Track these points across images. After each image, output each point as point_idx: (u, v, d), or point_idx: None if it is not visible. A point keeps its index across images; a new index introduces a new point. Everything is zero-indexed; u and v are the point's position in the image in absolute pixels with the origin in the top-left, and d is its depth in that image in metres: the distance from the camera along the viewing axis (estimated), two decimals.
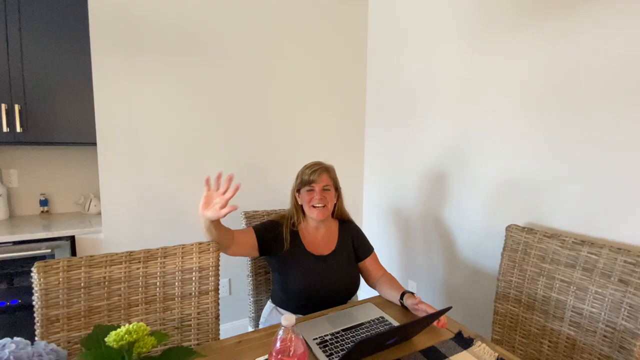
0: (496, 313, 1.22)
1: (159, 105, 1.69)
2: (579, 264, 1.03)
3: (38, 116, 1.62)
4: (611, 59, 1.05)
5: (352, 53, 2.21)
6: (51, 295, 0.80)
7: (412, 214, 1.91)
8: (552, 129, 1.22)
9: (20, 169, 1.84)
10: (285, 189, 1.98)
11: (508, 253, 1.21)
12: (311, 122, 2.12)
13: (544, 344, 1.09)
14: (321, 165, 1.20)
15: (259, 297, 1.36)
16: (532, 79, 1.27)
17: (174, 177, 1.76)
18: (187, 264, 0.94)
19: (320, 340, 0.87)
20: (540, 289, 1.11)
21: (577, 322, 1.02)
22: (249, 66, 1.89)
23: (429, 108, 1.77)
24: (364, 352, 0.77)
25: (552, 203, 1.23)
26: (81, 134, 1.69)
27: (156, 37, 1.66)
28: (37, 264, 0.79)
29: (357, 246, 1.26)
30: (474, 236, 1.54)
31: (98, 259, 0.86)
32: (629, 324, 0.91)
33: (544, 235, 1.13)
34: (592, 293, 0.99)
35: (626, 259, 0.94)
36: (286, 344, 0.58)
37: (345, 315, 1.01)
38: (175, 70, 1.71)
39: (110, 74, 1.58)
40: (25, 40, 1.56)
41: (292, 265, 1.15)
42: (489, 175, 1.46)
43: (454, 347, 0.86)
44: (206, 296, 0.96)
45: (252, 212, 1.42)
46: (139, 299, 0.89)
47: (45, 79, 1.61)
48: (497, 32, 1.40)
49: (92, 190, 1.94)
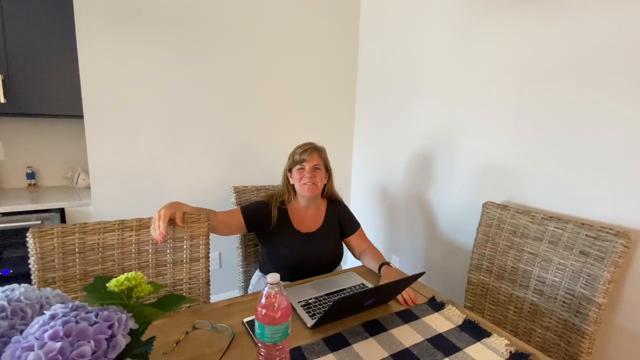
0: (469, 283, 1.31)
1: (147, 79, 1.68)
2: (545, 238, 1.11)
3: (22, 87, 1.59)
4: (588, 44, 1.10)
5: (343, 34, 2.20)
6: (47, 259, 0.83)
7: (398, 193, 1.98)
8: (530, 113, 1.27)
9: (6, 141, 1.82)
10: (274, 166, 2.02)
11: (483, 228, 1.29)
12: (302, 102, 2.12)
13: (510, 310, 1.19)
14: (312, 145, 1.24)
15: (248, 267, 1.42)
16: (513, 66, 1.31)
17: (162, 151, 1.77)
18: (178, 232, 0.98)
19: (304, 303, 0.94)
20: (510, 260, 1.20)
21: (541, 289, 1.11)
22: (241, 45, 1.87)
23: (417, 92, 1.80)
24: (343, 311, 0.84)
25: (527, 182, 1.31)
26: (68, 106, 1.67)
27: (145, 9, 1.62)
28: (32, 230, 0.82)
29: (343, 224, 1.32)
30: (454, 215, 1.63)
31: (91, 226, 0.89)
32: (586, 292, 1.00)
33: (517, 212, 1.21)
34: (555, 264, 1.08)
35: (588, 232, 1.02)
36: (271, 299, 0.63)
37: (328, 282, 1.08)
38: (165, 44, 1.68)
39: (95, 46, 1.55)
40: (6, 8, 1.50)
41: (279, 241, 1.21)
42: (472, 157, 1.52)
43: (426, 310, 0.95)
44: (197, 263, 1.00)
45: (242, 187, 1.45)
46: (132, 264, 0.93)
47: (29, 49, 1.57)
48: (483, 17, 1.42)
49: (80, 164, 1.94)
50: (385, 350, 0.77)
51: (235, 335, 0.79)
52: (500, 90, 1.38)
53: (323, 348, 0.77)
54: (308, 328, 0.83)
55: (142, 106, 1.69)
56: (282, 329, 0.63)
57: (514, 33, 1.31)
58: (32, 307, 0.40)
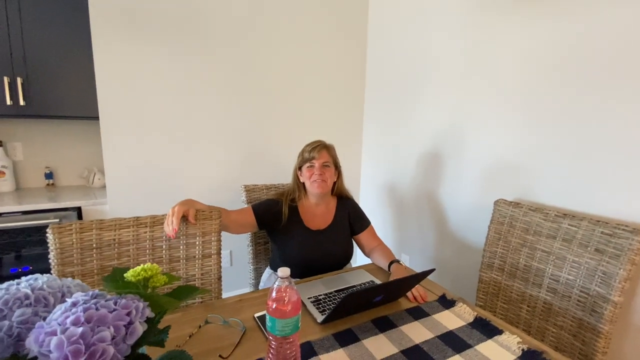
0: (480, 281, 1.30)
1: (161, 79, 1.71)
2: (559, 235, 1.10)
3: (41, 89, 1.64)
4: (603, 39, 1.07)
5: (352, 31, 2.20)
6: (66, 254, 0.86)
7: (407, 191, 1.97)
8: (539, 109, 1.25)
9: (25, 142, 1.88)
10: (284, 165, 2.04)
11: (495, 226, 1.28)
12: (311, 100, 2.14)
13: (522, 309, 1.17)
14: (321, 143, 1.25)
15: (259, 265, 1.44)
16: (523, 61, 1.30)
17: (174, 150, 1.80)
18: (191, 229, 1.00)
19: (314, 299, 0.94)
20: (522, 258, 1.18)
21: (554, 288, 1.09)
22: (251, 44, 1.89)
23: (425, 89, 1.79)
24: (352, 307, 0.84)
25: (539, 181, 1.28)
26: (84, 108, 1.72)
27: (158, 12, 1.65)
28: (52, 226, 0.85)
29: (353, 221, 1.32)
30: (464, 213, 1.61)
31: (107, 223, 0.92)
32: (601, 290, 0.98)
33: (529, 209, 1.19)
34: (569, 262, 1.06)
35: (603, 230, 1.00)
36: (281, 293, 0.64)
37: (338, 279, 1.08)
38: (177, 46, 1.72)
39: (110, 49, 1.59)
40: (24, 13, 1.56)
41: (290, 238, 1.22)
42: (481, 154, 1.50)
43: (437, 307, 0.94)
44: (209, 259, 1.02)
45: (252, 186, 1.47)
46: (146, 260, 0.96)
47: (46, 53, 1.62)
48: (492, 14, 1.40)
49: (95, 164, 1.99)
50: (395, 346, 0.77)
51: (247, 330, 0.81)
52: (508, 86, 1.36)
53: (333, 343, 0.77)
54: (318, 324, 0.84)
55: (155, 107, 1.72)
56: (293, 322, 0.64)
57: (522, 30, 1.29)
58: (54, 296, 0.42)
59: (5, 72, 1.56)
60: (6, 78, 1.56)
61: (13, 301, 0.40)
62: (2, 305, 0.40)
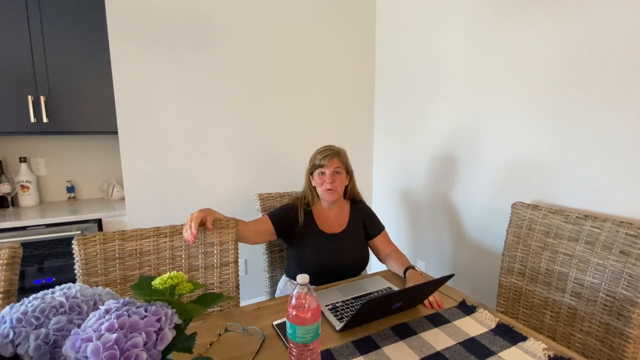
0: (501, 286, 1.27)
1: (176, 93, 1.77)
2: (581, 238, 1.07)
3: (62, 107, 1.71)
4: (613, 40, 1.06)
5: (360, 36, 2.23)
6: (90, 264, 0.89)
7: (421, 196, 1.95)
8: (558, 110, 1.23)
9: (48, 158, 1.96)
10: (298, 172, 2.05)
11: (513, 229, 1.25)
12: (321, 106, 2.16)
13: (546, 314, 1.14)
14: (332, 150, 1.25)
15: (274, 273, 1.44)
16: (537, 61, 1.28)
17: (192, 161, 1.85)
18: (208, 238, 1.02)
19: (332, 307, 0.94)
20: (543, 262, 1.16)
21: (579, 292, 1.06)
22: (263, 53, 1.94)
23: (437, 91, 1.79)
24: (371, 314, 0.84)
25: (557, 182, 1.26)
26: (103, 123, 1.78)
27: (172, 26, 1.71)
28: (77, 237, 0.88)
29: (367, 225, 1.32)
30: (481, 216, 1.58)
31: (129, 234, 0.95)
32: (628, 293, 0.95)
33: (549, 212, 1.17)
34: (593, 265, 1.03)
35: (628, 231, 0.97)
36: (301, 300, 0.65)
37: (355, 286, 1.08)
38: (192, 58, 1.78)
39: (128, 64, 1.66)
40: (46, 34, 1.64)
41: (305, 243, 1.22)
42: (496, 156, 1.49)
43: (457, 313, 0.93)
44: (227, 267, 1.04)
45: (266, 195, 1.49)
46: (167, 269, 0.98)
47: (68, 71, 1.70)
48: (506, 14, 1.40)
49: (114, 176, 2.05)
50: (416, 353, 0.76)
51: (266, 338, 0.81)
52: (524, 86, 1.35)
53: (353, 351, 0.77)
54: (337, 331, 0.84)
55: (171, 122, 1.77)
56: (313, 329, 0.64)
57: (537, 29, 1.28)
58: (87, 304, 0.44)
59: (29, 91, 1.64)
60: (30, 97, 1.64)
61: (49, 309, 0.42)
62: (39, 314, 0.42)
